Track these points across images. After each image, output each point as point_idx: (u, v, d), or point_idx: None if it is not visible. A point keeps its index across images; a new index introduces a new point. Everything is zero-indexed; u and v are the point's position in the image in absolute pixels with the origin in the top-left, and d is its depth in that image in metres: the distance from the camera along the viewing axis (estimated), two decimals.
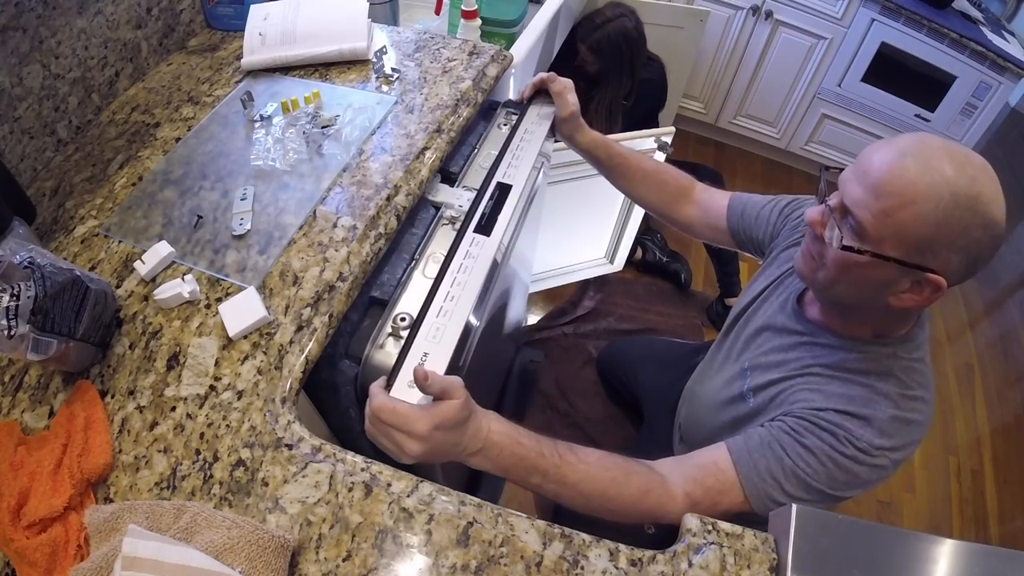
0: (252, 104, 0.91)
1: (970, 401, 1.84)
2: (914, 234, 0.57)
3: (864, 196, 0.59)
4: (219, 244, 0.75)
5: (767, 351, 0.79)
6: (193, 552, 0.48)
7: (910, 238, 0.57)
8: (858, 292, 0.65)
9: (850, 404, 0.66)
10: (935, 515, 1.56)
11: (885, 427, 0.64)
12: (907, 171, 0.57)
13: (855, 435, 0.64)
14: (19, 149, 0.85)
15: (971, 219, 0.56)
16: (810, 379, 0.71)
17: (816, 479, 0.65)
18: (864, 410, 0.65)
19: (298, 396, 0.64)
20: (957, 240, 0.57)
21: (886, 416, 0.64)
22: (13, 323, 0.54)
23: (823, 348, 0.72)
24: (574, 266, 1.78)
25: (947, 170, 0.56)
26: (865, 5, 1.91)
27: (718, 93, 2.32)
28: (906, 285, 0.61)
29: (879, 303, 0.64)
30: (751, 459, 0.67)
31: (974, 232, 0.56)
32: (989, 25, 2.02)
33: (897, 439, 0.64)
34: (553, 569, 0.53)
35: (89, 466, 0.57)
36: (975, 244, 0.57)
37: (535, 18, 1.29)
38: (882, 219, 0.58)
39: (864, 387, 0.66)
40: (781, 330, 0.78)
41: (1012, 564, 0.50)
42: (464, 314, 0.69)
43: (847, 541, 0.51)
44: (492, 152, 0.94)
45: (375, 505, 0.56)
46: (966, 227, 0.56)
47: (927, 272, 0.59)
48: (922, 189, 0.56)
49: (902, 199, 0.56)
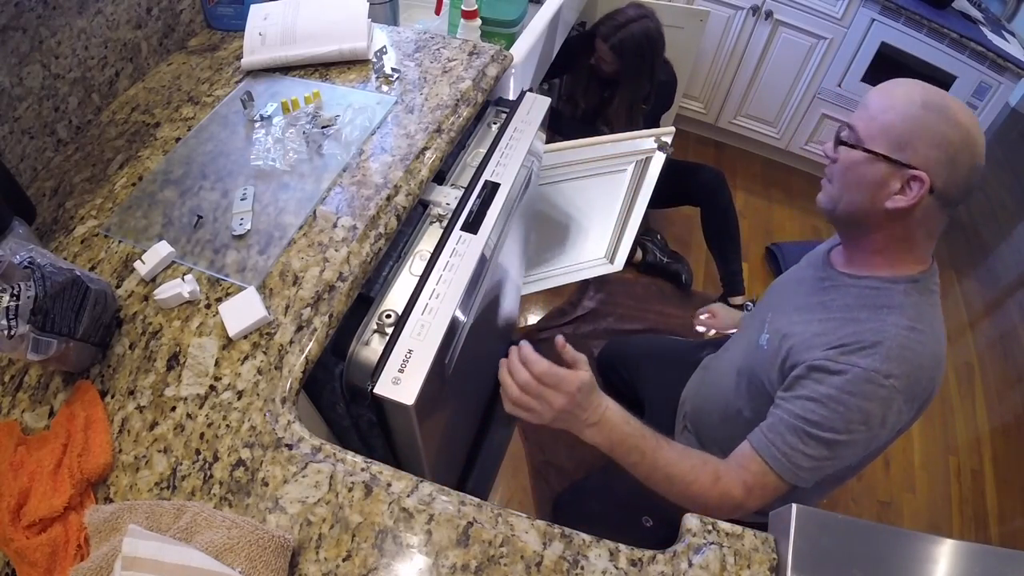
0: (252, 104, 0.91)
1: (970, 401, 1.84)
2: (894, 131, 0.70)
3: (860, 112, 0.74)
4: (219, 244, 0.75)
5: (788, 297, 0.87)
6: (193, 552, 0.48)
7: (891, 134, 0.70)
8: (859, 196, 0.74)
9: (857, 338, 0.71)
10: (935, 515, 1.56)
11: (891, 353, 0.68)
12: (891, 90, 0.73)
13: (861, 365, 0.68)
14: (19, 149, 0.85)
15: (938, 118, 0.68)
16: (826, 322, 0.76)
17: (831, 427, 0.69)
18: (870, 339, 0.70)
19: (298, 396, 0.64)
20: (932, 136, 0.68)
21: (893, 344, 0.69)
22: (13, 323, 0.54)
23: (840, 289, 0.79)
24: (574, 266, 1.78)
25: (921, 88, 0.71)
26: (865, 5, 1.91)
27: (718, 93, 2.32)
28: (896, 185, 0.70)
29: (876, 208, 0.72)
30: (769, 442, 0.72)
31: (945, 129, 0.67)
32: (989, 25, 2.02)
33: (903, 366, 0.68)
34: (553, 569, 0.53)
35: (89, 466, 0.57)
36: (947, 142, 0.67)
37: (535, 18, 1.29)
38: (870, 123, 0.72)
39: (874, 320, 0.72)
40: (803, 280, 0.87)
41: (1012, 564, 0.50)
42: (449, 312, 0.70)
43: (847, 541, 0.51)
44: (481, 151, 0.94)
45: (375, 505, 0.56)
46: (936, 123, 0.68)
47: (910, 168, 0.69)
48: (899, 98, 0.71)
49: (883, 105, 0.72)
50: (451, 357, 0.76)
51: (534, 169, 1.02)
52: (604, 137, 1.37)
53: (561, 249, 1.69)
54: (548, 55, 1.49)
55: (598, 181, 1.48)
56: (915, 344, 0.69)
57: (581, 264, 1.79)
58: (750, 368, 0.86)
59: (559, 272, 1.76)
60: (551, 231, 1.58)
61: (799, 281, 0.88)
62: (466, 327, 0.79)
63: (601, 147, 1.38)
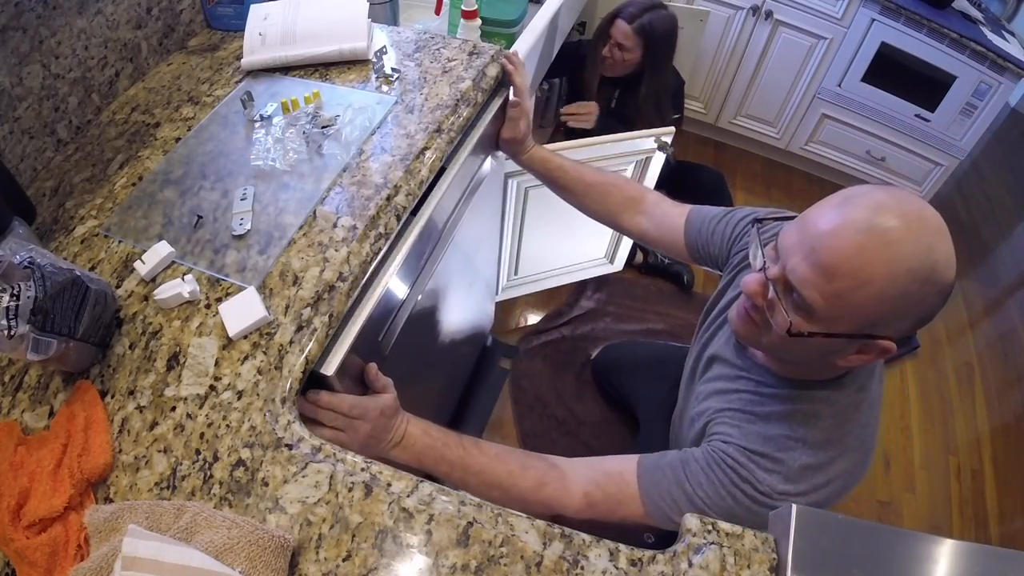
0: (252, 104, 0.91)
1: (970, 401, 1.84)
2: (870, 313, 0.55)
3: (813, 276, 0.55)
4: (219, 244, 0.75)
5: (712, 378, 0.80)
6: (193, 552, 0.48)
7: (864, 317, 0.55)
8: (803, 359, 0.64)
9: (763, 445, 0.66)
10: (935, 515, 1.56)
11: (793, 474, 0.64)
12: (863, 251, 0.53)
13: (758, 478, 0.64)
14: (19, 149, 0.85)
15: (927, 290, 0.54)
16: (736, 415, 0.71)
17: (714, 510, 0.66)
18: (776, 454, 0.65)
19: (298, 396, 0.64)
20: (912, 310, 0.55)
21: (796, 464, 0.64)
22: (13, 323, 0.54)
23: (756, 385, 0.71)
24: (574, 266, 1.78)
25: (904, 245, 0.52)
26: (865, 5, 1.91)
27: (718, 93, 2.32)
28: (853, 350, 0.59)
29: (825, 363, 0.63)
30: (655, 477, 0.69)
31: (929, 299, 0.55)
32: (989, 25, 2.02)
33: (804, 485, 0.64)
34: (553, 569, 0.53)
35: (89, 466, 0.57)
36: (928, 309, 0.56)
37: (535, 18, 1.29)
38: (835, 300, 0.55)
39: (784, 431, 0.66)
40: (725, 362, 0.79)
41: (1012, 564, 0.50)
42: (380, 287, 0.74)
43: (847, 541, 0.51)
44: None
45: (375, 505, 0.56)
46: (922, 298, 0.54)
47: (878, 340, 0.57)
48: (879, 269, 0.53)
49: (856, 281, 0.53)
50: (387, 335, 0.79)
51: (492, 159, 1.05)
52: (604, 137, 1.37)
53: (560, 249, 1.69)
54: (548, 55, 1.49)
55: None
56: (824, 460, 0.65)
57: (581, 264, 1.79)
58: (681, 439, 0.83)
59: (558, 272, 1.76)
60: (551, 232, 1.58)
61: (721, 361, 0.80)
62: (407, 307, 0.82)
63: (601, 147, 1.38)
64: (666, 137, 1.42)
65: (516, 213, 1.47)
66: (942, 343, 1.98)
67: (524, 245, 1.58)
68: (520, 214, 1.48)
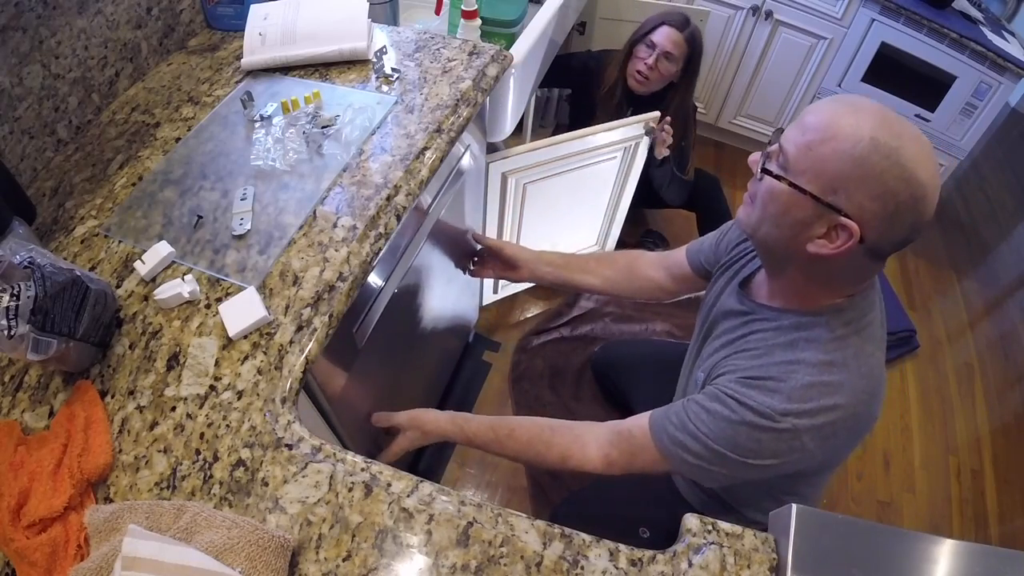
0: (252, 104, 0.91)
1: (970, 401, 1.83)
2: (830, 169, 0.59)
3: (794, 133, 0.63)
4: (219, 244, 0.75)
5: (718, 334, 0.83)
6: (193, 552, 0.48)
7: (826, 173, 0.60)
8: (779, 231, 0.66)
9: (762, 371, 0.69)
10: (935, 515, 1.56)
11: (795, 393, 0.66)
12: (836, 113, 0.60)
13: (757, 401, 0.66)
14: (19, 149, 0.85)
15: (888, 166, 0.57)
16: (738, 356, 0.74)
17: (717, 442, 0.69)
18: (776, 375, 0.68)
19: (298, 396, 0.64)
20: (871, 184, 0.58)
21: (798, 383, 0.66)
22: (13, 323, 0.54)
23: (761, 322, 0.75)
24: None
25: (874, 120, 0.58)
26: (865, 5, 1.91)
27: (718, 93, 2.32)
28: (822, 229, 0.62)
29: (800, 250, 0.65)
30: (663, 424, 0.74)
31: (890, 181, 0.57)
32: (989, 25, 2.02)
33: (809, 405, 0.65)
34: (553, 569, 0.53)
35: (89, 466, 0.57)
36: (891, 195, 0.57)
37: (535, 18, 1.29)
38: (804, 151, 0.61)
39: (784, 357, 0.69)
40: (729, 313, 0.82)
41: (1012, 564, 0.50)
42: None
43: (847, 541, 0.51)
44: None
45: (375, 505, 0.56)
46: (881, 172, 0.57)
47: (840, 215, 0.60)
48: (844, 128, 0.58)
49: (824, 134, 0.59)
50: (362, 326, 0.81)
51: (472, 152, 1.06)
52: (594, 127, 1.37)
53: (556, 241, 1.70)
54: (549, 55, 1.49)
55: (588, 172, 1.49)
56: (826, 383, 0.66)
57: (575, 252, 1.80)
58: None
59: None
60: (547, 225, 1.59)
61: (724, 314, 0.83)
62: (382, 300, 0.83)
63: (591, 138, 1.39)
64: (653, 123, 1.43)
65: (515, 210, 1.47)
66: (942, 343, 1.98)
67: (522, 241, 1.59)
68: (519, 210, 1.48)
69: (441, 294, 1.21)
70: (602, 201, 1.66)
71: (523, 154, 1.30)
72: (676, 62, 1.52)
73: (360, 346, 0.82)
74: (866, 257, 0.63)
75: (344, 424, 0.83)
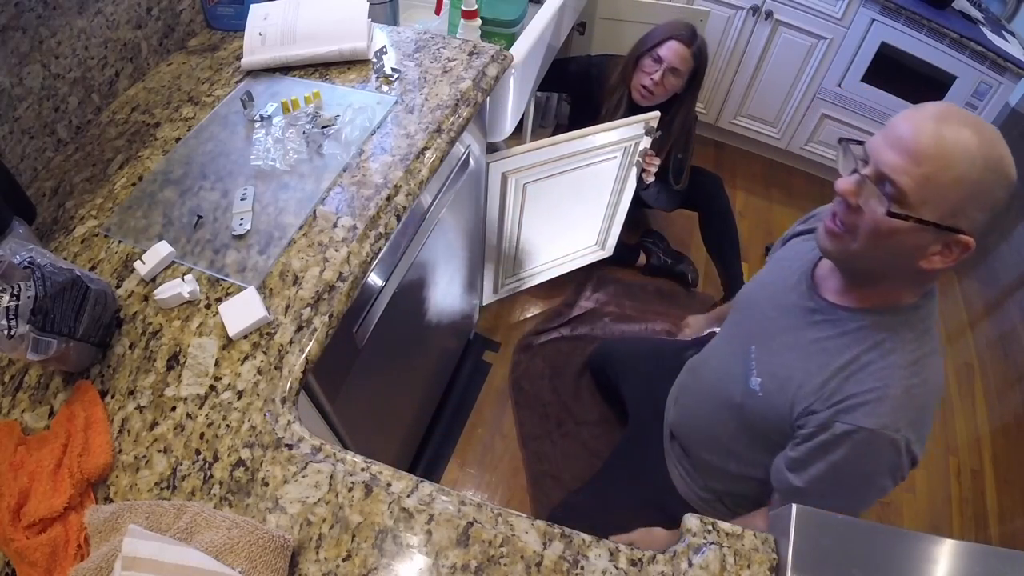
0: (252, 104, 0.91)
1: (970, 401, 1.83)
2: (953, 197, 0.60)
3: (903, 162, 0.60)
4: (219, 244, 0.75)
5: (773, 329, 0.80)
6: (193, 552, 0.48)
7: (948, 201, 0.60)
8: (891, 259, 0.65)
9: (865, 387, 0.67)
10: (935, 515, 1.56)
11: (898, 403, 0.66)
12: (944, 138, 0.59)
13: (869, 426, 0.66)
14: (19, 149, 0.85)
15: (997, 180, 0.60)
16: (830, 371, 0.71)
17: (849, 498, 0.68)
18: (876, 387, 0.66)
19: (298, 396, 0.64)
20: (986, 200, 0.60)
21: (898, 391, 0.66)
22: (13, 323, 0.54)
23: (838, 324, 0.72)
24: (566, 256, 1.79)
25: (975, 136, 0.59)
26: (865, 5, 1.91)
27: (718, 93, 2.32)
28: (937, 248, 0.63)
29: (909, 268, 0.65)
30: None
31: (999, 192, 0.60)
32: (989, 25, 2.02)
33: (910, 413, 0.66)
34: (553, 569, 0.53)
35: (89, 466, 0.57)
36: (999, 203, 0.61)
37: (535, 18, 1.29)
38: (923, 183, 0.60)
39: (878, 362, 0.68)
40: (791, 308, 0.79)
41: (1012, 564, 0.50)
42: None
43: (847, 541, 0.51)
44: None
45: (375, 505, 0.56)
46: (993, 188, 0.60)
47: (959, 233, 0.61)
48: (959, 154, 0.58)
49: (941, 163, 0.59)
50: (362, 326, 0.80)
51: (472, 152, 1.06)
52: (593, 127, 1.37)
53: (556, 241, 1.70)
54: (549, 56, 1.49)
55: (588, 171, 1.49)
56: (919, 383, 0.66)
57: (574, 253, 1.81)
58: (744, 415, 0.83)
59: (552, 264, 1.77)
60: (547, 224, 1.59)
61: (783, 310, 0.80)
62: (382, 300, 0.83)
63: (591, 138, 1.39)
64: (653, 122, 1.43)
65: (516, 210, 1.47)
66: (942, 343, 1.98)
67: (522, 241, 1.59)
68: (519, 210, 1.48)
69: (441, 294, 1.21)
70: (602, 201, 1.66)
71: (523, 154, 1.31)
72: (682, 77, 1.52)
73: (360, 346, 0.82)
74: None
75: (344, 424, 0.83)
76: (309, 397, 0.74)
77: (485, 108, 1.11)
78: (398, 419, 1.22)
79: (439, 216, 0.97)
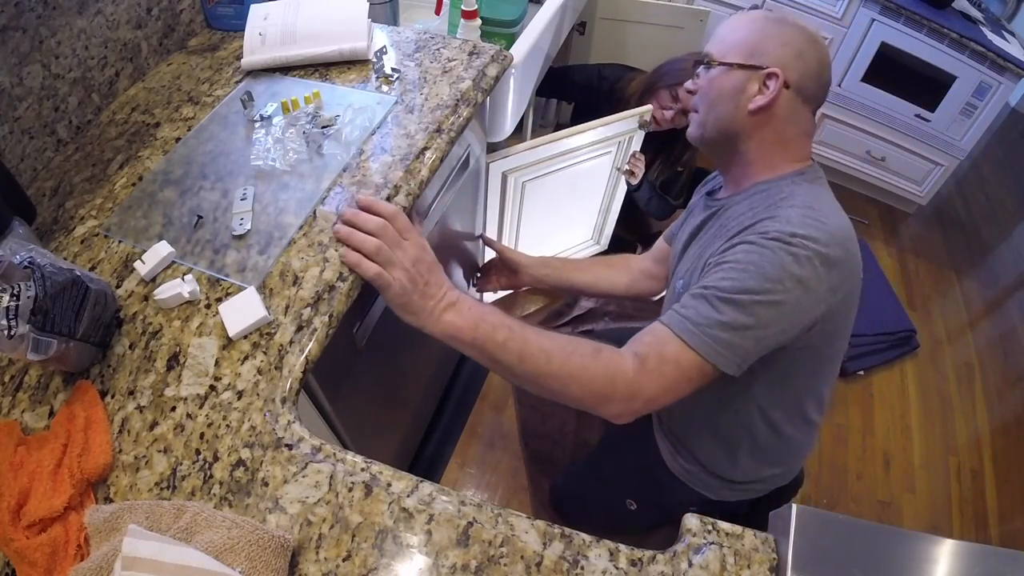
0: (252, 104, 0.91)
1: (970, 401, 1.84)
2: (744, 42, 0.77)
3: (711, 43, 0.82)
4: (219, 244, 0.75)
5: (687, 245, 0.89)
6: (193, 552, 0.48)
7: (742, 46, 0.77)
8: (723, 107, 0.78)
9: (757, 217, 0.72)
10: (935, 515, 1.56)
11: (793, 219, 0.68)
12: (736, 16, 0.82)
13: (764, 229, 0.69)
14: (19, 149, 0.85)
15: (781, 23, 0.77)
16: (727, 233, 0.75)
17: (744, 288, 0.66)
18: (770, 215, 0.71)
19: (298, 396, 0.64)
20: (776, 35, 0.76)
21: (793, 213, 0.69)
22: (13, 323, 0.54)
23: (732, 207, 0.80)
24: (563, 252, 1.81)
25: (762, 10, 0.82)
26: (865, 5, 1.91)
27: None
28: (755, 88, 0.76)
29: (741, 114, 0.77)
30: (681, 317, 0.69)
31: (787, 30, 0.76)
32: (989, 25, 2.02)
33: (808, 228, 0.67)
34: (553, 569, 0.53)
35: (89, 466, 0.57)
36: (792, 40, 0.75)
37: (535, 18, 1.29)
38: (719, 45, 0.80)
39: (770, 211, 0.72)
40: (695, 227, 0.88)
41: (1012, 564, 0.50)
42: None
43: (847, 541, 0.51)
44: None
45: (375, 505, 0.56)
46: (779, 28, 0.76)
47: (763, 68, 0.75)
48: (742, 18, 0.80)
49: (730, 27, 0.80)
50: (362, 326, 0.80)
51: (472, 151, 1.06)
52: (589, 123, 1.38)
53: (554, 237, 1.71)
54: (549, 56, 1.49)
55: (583, 167, 1.50)
56: (815, 215, 0.69)
57: (571, 248, 1.82)
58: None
59: None
60: (544, 222, 1.59)
61: (692, 231, 0.89)
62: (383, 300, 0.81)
63: (587, 134, 1.40)
64: (647, 116, 1.44)
65: (514, 209, 1.47)
66: (942, 343, 1.98)
67: (521, 238, 1.59)
68: (518, 209, 1.48)
69: None
70: (597, 196, 1.67)
71: (523, 152, 1.31)
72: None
73: (360, 346, 0.82)
74: (798, 101, 0.76)
75: (344, 424, 0.83)
76: (309, 397, 0.74)
77: (485, 108, 1.11)
78: (398, 419, 1.22)
79: (439, 216, 0.97)
